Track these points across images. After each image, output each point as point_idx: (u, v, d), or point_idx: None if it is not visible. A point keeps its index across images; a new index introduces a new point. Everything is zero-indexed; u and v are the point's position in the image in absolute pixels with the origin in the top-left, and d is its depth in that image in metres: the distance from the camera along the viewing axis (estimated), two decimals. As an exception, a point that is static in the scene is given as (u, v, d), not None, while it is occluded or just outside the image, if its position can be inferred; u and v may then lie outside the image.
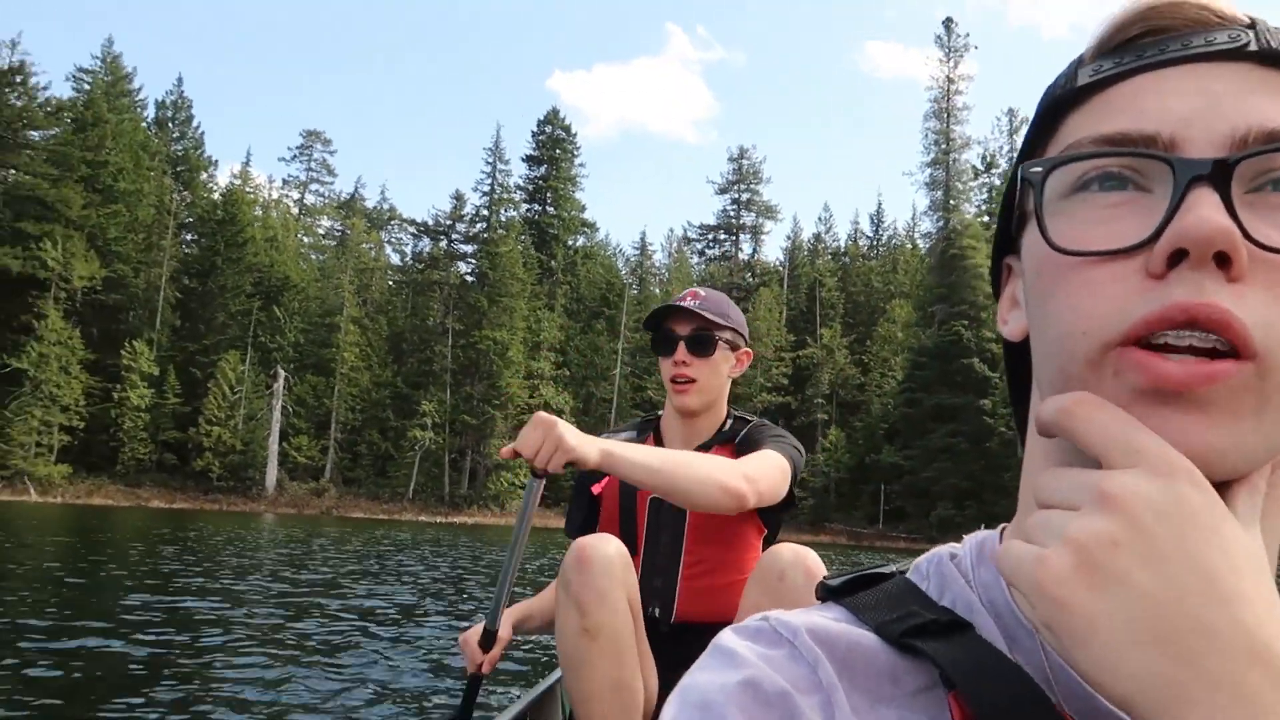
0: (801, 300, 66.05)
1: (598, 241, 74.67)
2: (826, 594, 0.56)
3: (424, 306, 60.83)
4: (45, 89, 50.92)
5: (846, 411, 58.46)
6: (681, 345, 2.41)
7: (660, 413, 2.63)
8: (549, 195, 68.92)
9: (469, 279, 60.92)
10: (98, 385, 45.30)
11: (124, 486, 44.51)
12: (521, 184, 68.88)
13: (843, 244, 71.98)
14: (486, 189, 64.81)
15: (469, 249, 63.03)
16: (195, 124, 65.26)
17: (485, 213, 63.81)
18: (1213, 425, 0.41)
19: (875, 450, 52.39)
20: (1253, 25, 0.47)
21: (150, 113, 61.80)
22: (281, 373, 50.08)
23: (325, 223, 74.68)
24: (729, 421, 2.53)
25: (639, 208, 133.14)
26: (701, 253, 75.30)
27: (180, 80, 71.63)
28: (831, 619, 0.51)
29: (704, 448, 2.47)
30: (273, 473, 48.58)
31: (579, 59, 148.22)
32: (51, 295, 44.47)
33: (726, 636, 0.50)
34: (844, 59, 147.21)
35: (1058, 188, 0.47)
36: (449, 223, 63.57)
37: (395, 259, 69.59)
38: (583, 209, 71.43)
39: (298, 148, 76.00)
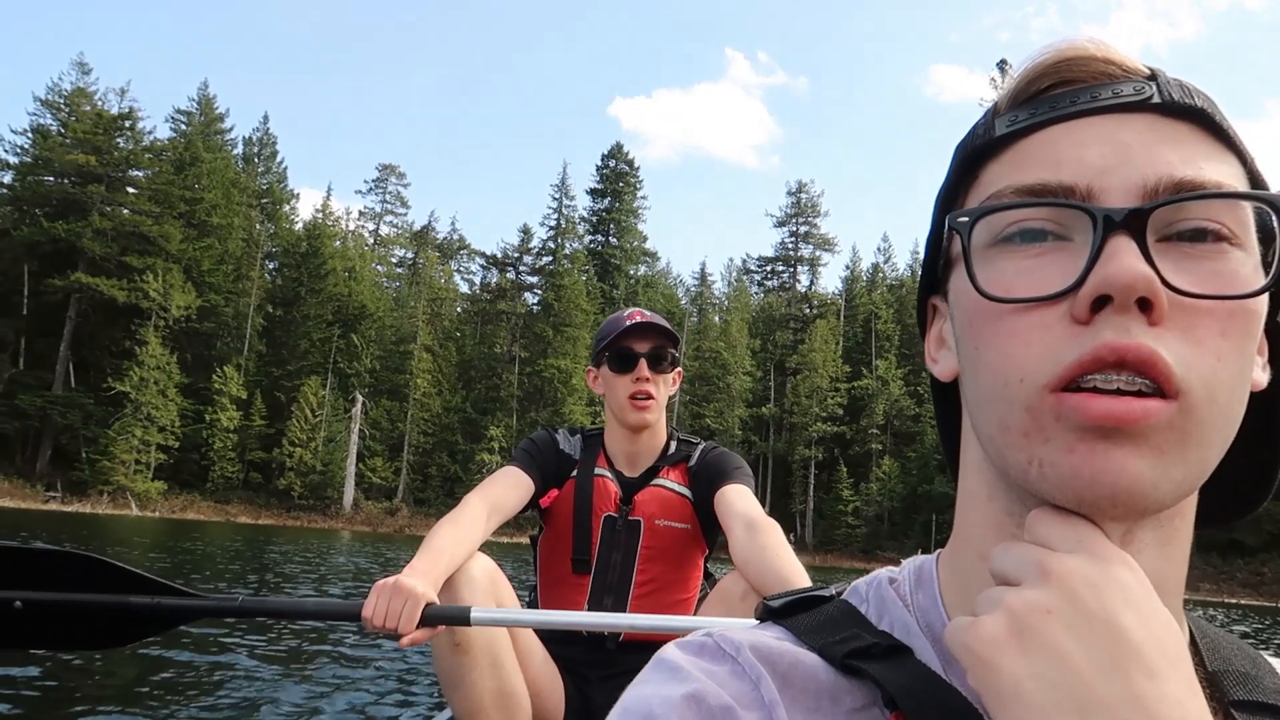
0: (858, 332, 67.13)
1: (659, 270, 76.68)
2: (767, 614, 0.58)
3: (492, 335, 63.52)
4: (150, 132, 54.70)
5: (900, 442, 59.36)
6: (642, 362, 2.42)
7: (600, 427, 2.61)
8: (612, 227, 71.19)
9: (535, 309, 63.40)
10: (191, 407, 48.41)
11: (214, 502, 47.49)
12: (585, 216, 71.34)
13: (902, 273, 72.92)
14: (553, 224, 67.43)
15: (535, 280, 65.65)
16: (279, 159, 68.83)
17: (551, 245, 66.37)
18: (1145, 460, 0.44)
19: (928, 481, 53.25)
20: (1154, 77, 0.50)
21: (239, 149, 65.57)
22: (359, 398, 52.81)
23: (399, 252, 77.86)
24: (672, 443, 2.55)
25: (699, 231, 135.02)
26: (760, 283, 76.92)
27: (266, 118, 75.49)
28: (774, 638, 0.52)
29: (652, 471, 2.50)
30: (350, 492, 51.27)
31: (640, 85, 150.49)
32: (152, 323, 47.86)
33: (670, 651, 0.51)
34: (907, 83, 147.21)
35: (983, 237, 0.49)
36: (516, 255, 66.34)
37: (464, 288, 72.49)
38: (644, 239, 73.52)
39: (373, 180, 79.10)
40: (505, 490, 2.28)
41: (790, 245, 74.52)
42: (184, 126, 58.76)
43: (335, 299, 57.52)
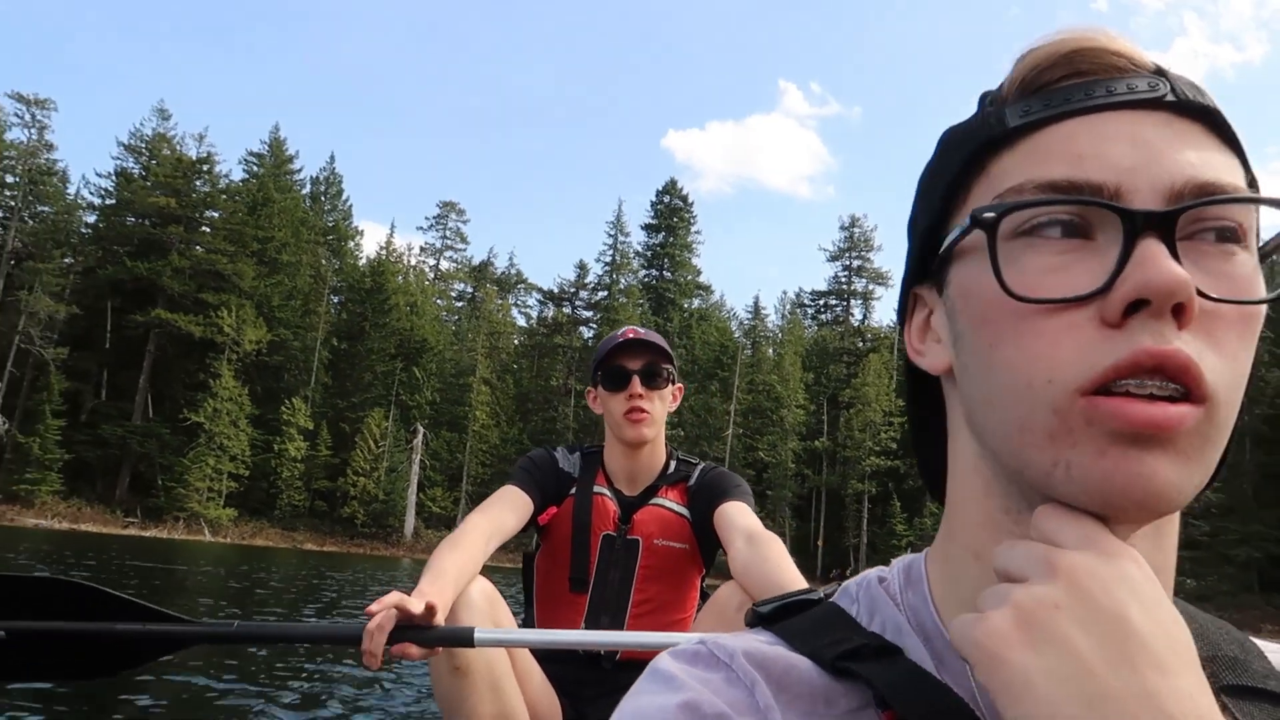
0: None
1: (712, 303, 77.43)
2: (757, 620, 0.58)
3: (548, 368, 64.73)
4: (226, 175, 57.33)
5: (956, 476, 58.95)
6: (635, 379, 2.42)
7: (600, 445, 2.58)
8: (666, 261, 72.21)
9: (590, 343, 64.51)
10: (260, 438, 50.12)
11: (282, 529, 49.04)
12: (640, 250, 72.54)
13: (956, 307, 72.36)
14: (608, 260, 68.78)
15: (590, 315, 66.94)
16: (345, 197, 71.20)
17: (606, 281, 67.67)
18: (1174, 465, 0.44)
19: (983, 515, 52.79)
20: (1163, 73, 0.49)
21: (306, 189, 68.00)
22: (420, 429, 54.15)
23: (458, 286, 79.72)
24: (672, 463, 2.54)
25: (752, 262, 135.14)
26: (814, 317, 77.24)
27: (332, 158, 78.75)
28: (766, 643, 0.53)
29: (651, 490, 2.48)
30: (410, 521, 52.50)
31: (692, 118, 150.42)
32: (225, 357, 49.87)
33: (664, 660, 0.51)
34: (964, 110, 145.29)
35: (1003, 231, 0.48)
36: (572, 290, 67.78)
37: (521, 322, 74.02)
38: (698, 273, 74.34)
39: (434, 217, 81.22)
40: (505, 511, 2.28)
41: (843, 279, 74.80)
42: (256, 168, 61.30)
43: (398, 333, 59.24)
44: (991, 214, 0.48)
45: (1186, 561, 51.15)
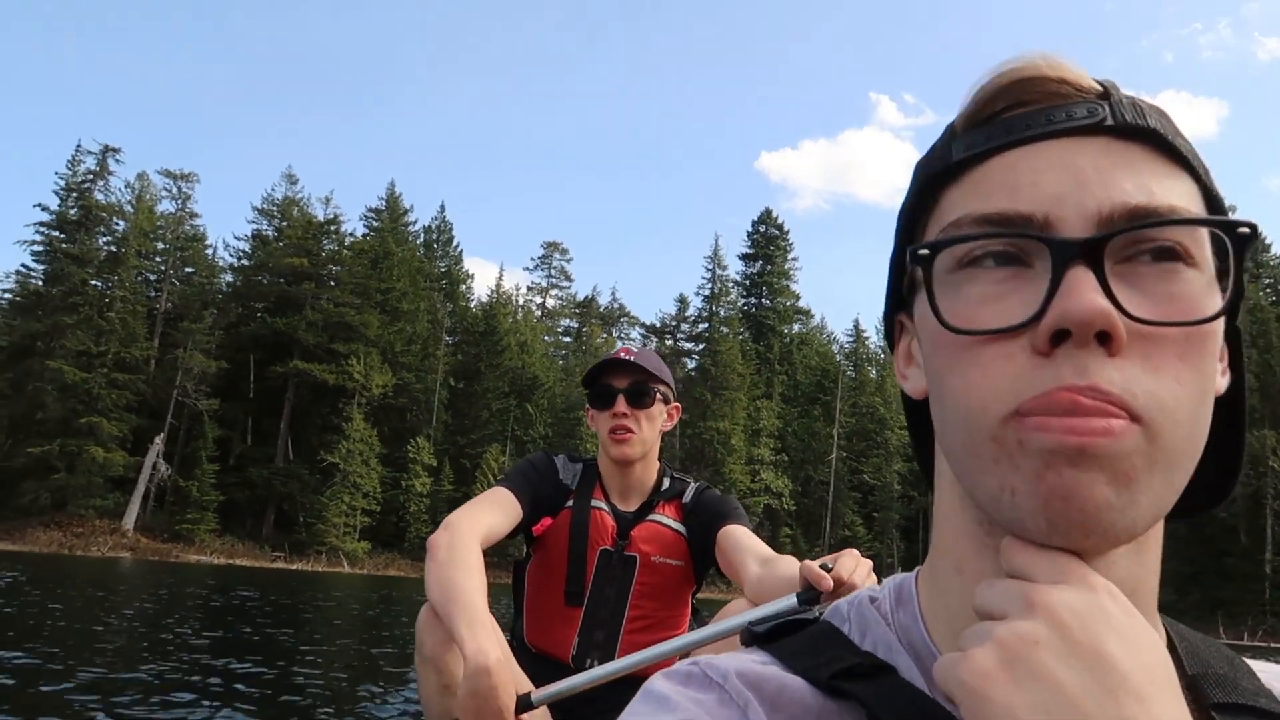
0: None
1: (813, 327, 78.39)
2: (752, 640, 0.58)
3: (653, 399, 66.72)
4: (351, 233, 61.84)
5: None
6: (621, 398, 2.44)
7: (594, 457, 2.58)
8: (764, 289, 73.76)
9: (693, 374, 66.52)
10: (389, 475, 53.60)
11: (411, 560, 52.00)
12: (738, 279, 74.26)
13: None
14: (707, 293, 70.80)
15: (691, 346, 69.00)
16: (455, 244, 75.44)
17: (706, 313, 69.67)
18: (1111, 484, 0.44)
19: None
20: (1107, 95, 0.50)
21: (420, 239, 72.34)
22: (535, 462, 57.12)
23: (564, 322, 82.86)
24: (666, 480, 2.55)
25: (852, 280, 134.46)
26: (915, 337, 77.21)
27: (443, 207, 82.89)
28: (760, 663, 0.53)
29: (648, 504, 2.49)
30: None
31: (785, 138, 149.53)
32: (355, 402, 53.74)
33: (657, 681, 0.51)
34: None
35: (945, 265, 0.50)
36: (674, 324, 70.02)
37: (626, 354, 76.06)
38: (797, 299, 75.56)
39: (539, 258, 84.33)
40: (497, 516, 2.23)
41: (942, 299, 74.62)
42: (375, 224, 65.72)
43: (510, 372, 62.29)
44: (925, 250, 0.50)
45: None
